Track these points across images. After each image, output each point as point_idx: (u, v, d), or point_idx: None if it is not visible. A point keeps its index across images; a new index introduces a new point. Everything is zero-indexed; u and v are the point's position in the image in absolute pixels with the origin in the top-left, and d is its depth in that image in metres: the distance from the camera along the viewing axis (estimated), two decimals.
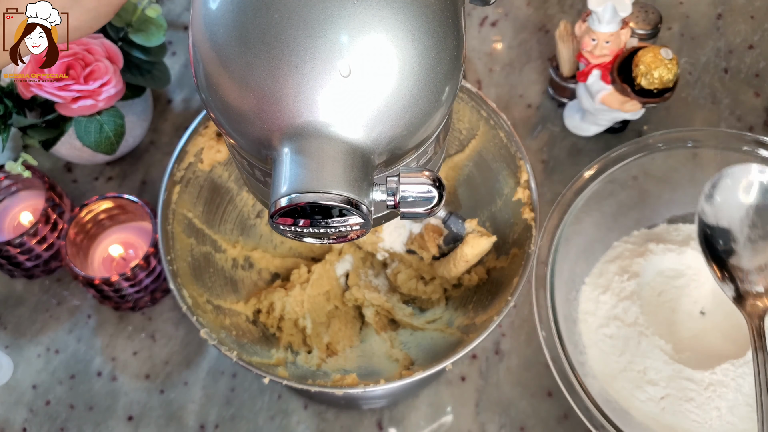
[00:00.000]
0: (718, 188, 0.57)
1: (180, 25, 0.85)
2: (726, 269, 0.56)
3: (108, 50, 0.65)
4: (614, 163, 0.64)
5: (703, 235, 0.56)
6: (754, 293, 0.54)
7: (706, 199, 0.57)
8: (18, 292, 0.72)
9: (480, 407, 0.66)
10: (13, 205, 0.72)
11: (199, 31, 0.33)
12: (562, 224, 0.62)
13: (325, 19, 0.30)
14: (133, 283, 0.66)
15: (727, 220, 0.56)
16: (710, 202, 0.57)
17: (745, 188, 0.56)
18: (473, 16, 0.84)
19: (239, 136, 0.33)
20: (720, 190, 0.57)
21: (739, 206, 0.56)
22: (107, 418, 0.67)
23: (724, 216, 0.56)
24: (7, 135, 0.63)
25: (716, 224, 0.56)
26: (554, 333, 0.58)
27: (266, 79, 0.31)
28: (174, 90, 0.81)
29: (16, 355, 0.70)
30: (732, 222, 0.56)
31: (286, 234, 0.33)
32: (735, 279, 0.55)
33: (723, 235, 0.56)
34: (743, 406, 0.59)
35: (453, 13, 0.33)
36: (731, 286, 0.55)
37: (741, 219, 0.56)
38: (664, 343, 0.62)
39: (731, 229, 0.56)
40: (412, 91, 0.32)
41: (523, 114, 0.78)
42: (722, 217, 0.56)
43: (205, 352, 0.69)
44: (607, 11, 0.64)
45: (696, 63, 0.80)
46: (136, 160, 0.78)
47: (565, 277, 0.62)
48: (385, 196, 0.33)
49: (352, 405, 0.67)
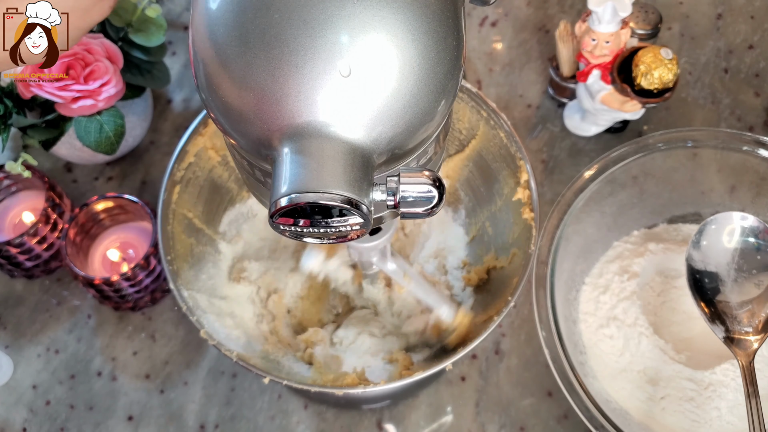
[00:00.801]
0: (704, 234, 0.60)
1: (180, 25, 0.85)
2: (715, 311, 0.58)
3: (108, 50, 0.65)
4: (614, 163, 0.64)
5: (693, 279, 0.59)
6: (742, 333, 0.57)
7: (694, 245, 0.60)
8: (18, 292, 0.72)
9: (480, 407, 0.66)
10: (13, 205, 0.72)
11: (199, 31, 0.33)
12: (562, 224, 0.62)
13: (325, 19, 0.30)
14: (133, 283, 0.66)
15: (714, 264, 0.59)
16: (697, 248, 0.60)
17: (729, 233, 0.60)
18: (473, 16, 0.84)
19: (239, 136, 0.33)
20: (706, 236, 0.60)
21: (725, 251, 0.59)
22: (107, 418, 0.67)
23: (711, 260, 0.60)
24: (7, 135, 0.63)
25: (704, 268, 0.59)
26: (554, 333, 0.58)
27: (266, 79, 0.31)
28: (174, 90, 0.81)
29: (16, 355, 0.70)
30: (719, 266, 0.59)
31: (286, 234, 0.33)
32: (725, 320, 0.58)
33: (711, 278, 0.59)
34: (743, 406, 0.59)
35: (453, 13, 0.33)
36: (721, 328, 0.58)
37: (727, 263, 0.59)
38: (664, 343, 0.62)
39: (718, 272, 0.59)
40: (412, 91, 0.32)
41: (523, 114, 0.78)
42: (709, 262, 0.60)
43: (205, 352, 0.69)
44: (607, 11, 0.64)
45: (696, 63, 0.80)
46: (136, 160, 0.78)
47: (565, 277, 0.62)
48: (385, 196, 0.33)
49: (352, 405, 0.67)
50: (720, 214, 0.60)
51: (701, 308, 0.58)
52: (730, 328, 0.57)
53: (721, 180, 0.67)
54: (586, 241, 0.65)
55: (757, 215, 0.66)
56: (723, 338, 0.57)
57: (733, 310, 0.58)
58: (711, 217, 0.60)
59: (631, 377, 0.62)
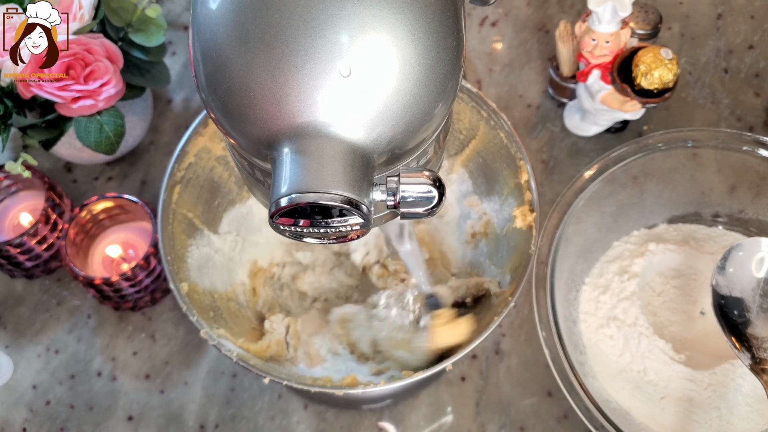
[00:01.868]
0: (730, 261, 0.59)
1: (180, 25, 0.85)
2: (742, 338, 0.58)
3: (108, 50, 0.65)
4: (614, 163, 0.64)
5: (718, 305, 0.59)
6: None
7: (719, 271, 0.59)
8: (18, 292, 0.72)
9: (480, 407, 0.66)
10: (13, 205, 0.72)
11: (198, 31, 0.33)
12: (562, 224, 0.62)
13: (325, 19, 0.30)
14: (133, 283, 0.66)
15: (739, 290, 0.59)
16: (723, 274, 0.59)
17: (757, 261, 0.59)
18: (473, 16, 0.84)
19: (239, 136, 0.33)
20: (731, 263, 0.59)
21: (750, 278, 0.59)
22: (107, 418, 0.67)
23: (736, 287, 0.59)
24: (7, 135, 0.63)
25: (729, 294, 0.59)
26: (554, 333, 0.58)
27: (266, 79, 0.31)
28: (174, 90, 0.81)
29: (16, 355, 0.70)
30: (744, 292, 0.59)
31: (286, 234, 0.33)
32: (751, 347, 0.57)
33: (737, 304, 0.58)
34: (743, 406, 0.59)
35: (453, 13, 0.33)
36: (747, 355, 0.57)
37: (753, 289, 0.58)
38: (663, 343, 0.62)
39: (744, 298, 0.58)
40: (412, 91, 0.32)
41: (523, 114, 0.78)
42: (735, 288, 0.59)
43: (205, 352, 0.69)
44: (607, 11, 0.64)
45: (696, 63, 0.80)
46: (136, 160, 0.78)
47: (565, 277, 0.62)
48: (385, 196, 0.33)
49: (352, 405, 0.67)
50: (746, 240, 0.60)
51: (727, 335, 0.58)
52: (756, 356, 0.56)
53: (721, 180, 0.67)
54: (586, 241, 0.65)
55: (757, 215, 0.67)
56: (749, 365, 0.56)
57: (759, 337, 0.57)
58: (737, 243, 0.60)
59: (631, 377, 0.62)
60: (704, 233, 0.68)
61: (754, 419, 0.59)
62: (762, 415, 0.59)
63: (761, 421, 0.59)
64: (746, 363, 0.56)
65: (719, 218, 0.68)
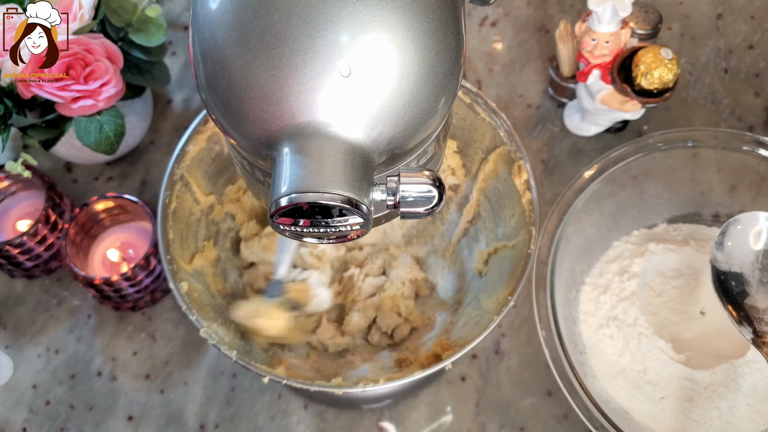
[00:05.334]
0: (728, 235, 0.59)
1: (180, 25, 0.85)
2: (742, 312, 0.57)
3: (108, 50, 0.65)
4: (614, 163, 0.64)
5: (718, 280, 0.59)
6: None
7: (717, 246, 0.59)
8: (18, 292, 0.72)
9: (480, 407, 0.66)
10: (13, 204, 0.72)
11: (198, 31, 0.33)
12: (562, 224, 0.62)
13: (325, 19, 0.30)
14: (133, 283, 0.66)
15: (738, 265, 0.59)
16: (721, 249, 0.59)
17: (755, 235, 0.59)
18: (473, 16, 0.84)
19: (239, 136, 0.33)
20: (729, 237, 0.59)
21: (749, 251, 0.59)
22: (107, 418, 0.67)
23: (735, 261, 0.59)
24: (7, 135, 0.63)
25: (729, 269, 0.59)
26: (554, 333, 0.58)
27: (266, 79, 0.31)
28: (174, 90, 0.81)
29: (16, 355, 0.70)
30: (743, 266, 0.58)
31: (286, 234, 0.33)
32: (752, 320, 0.57)
33: (736, 279, 0.58)
34: (743, 406, 0.59)
35: (453, 13, 0.33)
36: (749, 328, 0.57)
37: (752, 263, 0.58)
38: (663, 343, 0.62)
39: (743, 273, 0.58)
40: (412, 91, 0.32)
41: (523, 114, 0.78)
42: (734, 263, 0.59)
43: (205, 352, 0.69)
44: (607, 11, 0.64)
45: (696, 63, 0.80)
46: (136, 160, 0.78)
47: (565, 277, 0.62)
48: (385, 195, 0.33)
49: (352, 405, 0.67)
50: (743, 215, 0.60)
51: (728, 310, 0.57)
52: (758, 330, 0.56)
53: (721, 180, 0.67)
54: (586, 241, 0.65)
55: None
56: (751, 339, 0.56)
57: (760, 310, 0.57)
58: (734, 217, 0.59)
59: (631, 377, 0.62)
60: (704, 233, 0.68)
61: (754, 419, 0.59)
62: (762, 415, 0.59)
63: (761, 421, 0.59)
64: (748, 337, 0.56)
65: (719, 218, 0.69)
